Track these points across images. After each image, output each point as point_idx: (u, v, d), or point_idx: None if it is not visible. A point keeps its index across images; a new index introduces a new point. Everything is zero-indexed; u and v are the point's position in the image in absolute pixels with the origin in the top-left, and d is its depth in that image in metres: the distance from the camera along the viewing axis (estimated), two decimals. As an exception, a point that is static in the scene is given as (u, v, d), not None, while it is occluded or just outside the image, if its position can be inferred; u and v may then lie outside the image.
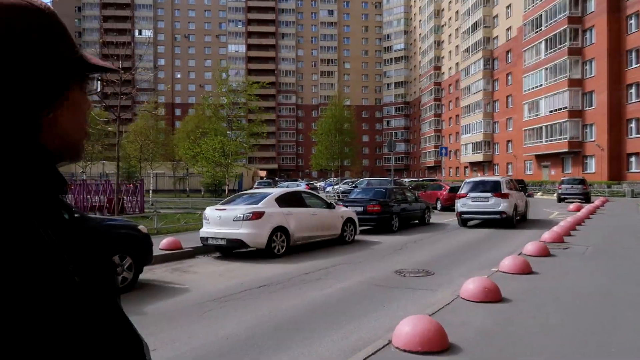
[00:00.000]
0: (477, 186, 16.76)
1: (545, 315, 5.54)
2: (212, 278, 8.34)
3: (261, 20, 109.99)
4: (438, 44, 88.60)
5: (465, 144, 71.79)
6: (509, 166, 60.90)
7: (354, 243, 12.65)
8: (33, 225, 0.61)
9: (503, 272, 7.85)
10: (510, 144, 60.83)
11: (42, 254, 0.60)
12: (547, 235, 11.66)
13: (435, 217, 20.60)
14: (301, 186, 33.00)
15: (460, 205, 16.75)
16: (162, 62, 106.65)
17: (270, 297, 6.92)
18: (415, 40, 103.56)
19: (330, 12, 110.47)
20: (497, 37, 65.70)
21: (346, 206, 14.98)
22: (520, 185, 41.37)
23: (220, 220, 10.37)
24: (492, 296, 5.96)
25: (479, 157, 67.44)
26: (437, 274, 8.41)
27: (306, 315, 5.93)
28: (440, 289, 7.29)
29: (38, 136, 0.70)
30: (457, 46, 79.31)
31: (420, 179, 52.50)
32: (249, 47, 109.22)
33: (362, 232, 15.02)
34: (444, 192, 24.57)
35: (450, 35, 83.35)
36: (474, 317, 5.45)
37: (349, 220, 12.66)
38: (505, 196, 16.00)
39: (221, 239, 10.20)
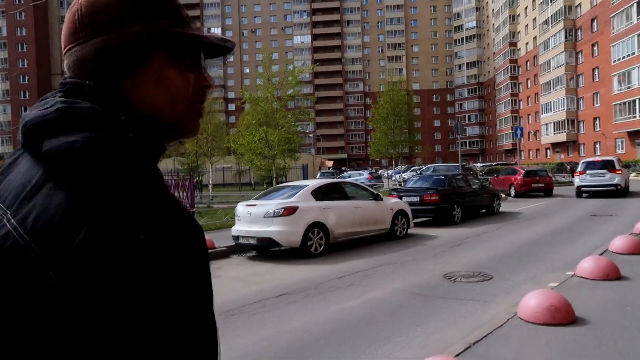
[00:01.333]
0: (594, 165, 20.83)
1: (638, 346, 3.97)
2: (230, 284, 7.39)
3: (326, 9, 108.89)
4: (513, 18, 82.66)
5: (546, 124, 66.45)
6: (597, 145, 55.41)
7: (407, 238, 11.25)
8: (121, 196, 0.61)
9: (581, 277, 6.19)
10: (597, 122, 55.30)
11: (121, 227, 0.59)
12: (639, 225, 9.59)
13: (508, 205, 18.51)
14: (364, 175, 31.71)
15: (579, 180, 20.92)
16: (231, 58, 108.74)
17: (285, 310, 5.82)
18: (487, 16, 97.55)
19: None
20: (580, 4, 59.80)
21: (400, 196, 13.59)
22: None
23: (250, 217, 9.42)
24: (561, 317, 4.45)
25: (561, 137, 62.10)
26: (496, 279, 6.89)
27: (316, 339, 4.76)
28: (496, 300, 5.81)
29: (127, 101, 0.72)
30: (534, 19, 73.43)
31: (494, 164, 49.08)
32: (315, 37, 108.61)
33: (420, 225, 13.54)
34: (519, 177, 22.18)
35: (526, 8, 77.37)
36: (532, 349, 4.00)
37: (400, 213, 11.26)
38: (619, 172, 20.26)
39: (252, 237, 9.25)
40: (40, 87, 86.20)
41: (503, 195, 21.93)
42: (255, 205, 9.58)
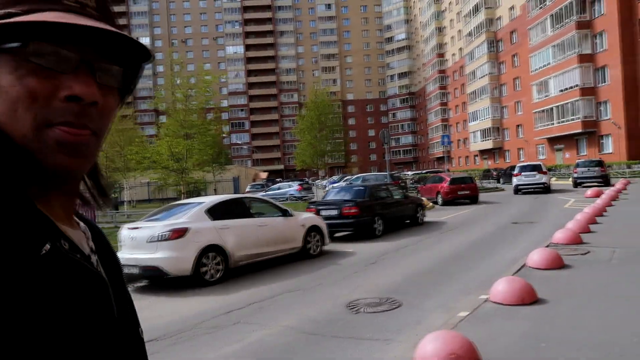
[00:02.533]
0: (526, 168, 26.45)
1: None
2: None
3: (258, 20, 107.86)
4: (440, 30, 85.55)
5: (474, 132, 68.79)
6: (521, 152, 57.83)
7: (321, 256, 10.26)
8: None
9: (495, 302, 5.41)
10: (520, 129, 57.75)
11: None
12: (560, 235, 9.13)
13: (434, 214, 18.11)
14: (293, 186, 30.70)
15: (516, 180, 26.06)
16: (160, 68, 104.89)
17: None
18: (416, 28, 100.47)
19: (328, 6, 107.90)
20: (500, 17, 62.60)
21: (319, 210, 12.62)
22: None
23: (133, 242, 8.06)
24: (464, 365, 3.55)
25: (488, 145, 64.44)
26: (404, 307, 5.99)
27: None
28: (397, 339, 4.87)
29: None
30: (459, 31, 76.24)
31: (424, 172, 49.76)
32: (248, 47, 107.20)
33: (340, 239, 12.64)
34: (445, 185, 22.00)
35: (451, 20, 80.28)
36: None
37: (313, 229, 10.26)
38: (545, 173, 25.99)
39: (133, 266, 7.87)
40: None
41: (430, 204, 21.68)
42: (138, 228, 8.22)
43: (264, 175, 66.55)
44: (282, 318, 5.89)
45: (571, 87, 44.54)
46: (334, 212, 12.40)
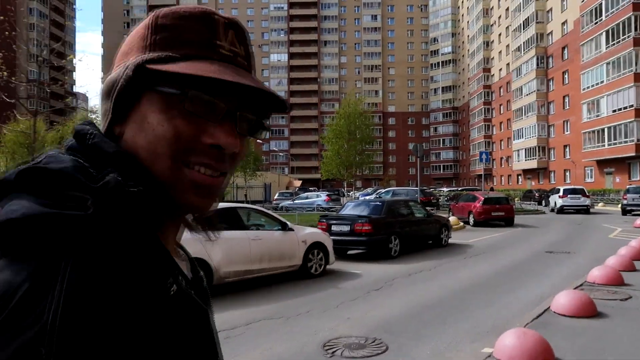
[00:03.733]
0: (570, 191, 29.71)
1: None
2: None
3: (303, 29, 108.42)
4: (487, 44, 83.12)
5: (518, 150, 65.99)
6: (567, 173, 54.84)
7: (323, 277, 9.29)
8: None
9: None
10: (567, 149, 54.81)
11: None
12: (597, 272, 7.81)
13: (462, 236, 16.80)
14: (321, 197, 29.81)
15: (562, 201, 28.97)
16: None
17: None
18: (463, 42, 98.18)
19: (374, 17, 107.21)
20: (551, 32, 59.97)
21: (330, 225, 11.68)
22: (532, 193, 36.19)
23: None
24: None
25: (532, 164, 61.57)
26: (390, 352, 4.95)
27: None
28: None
29: (125, 157, 0.59)
30: (507, 45, 73.71)
31: (459, 189, 47.77)
32: (292, 55, 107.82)
33: (352, 258, 11.64)
34: (478, 205, 20.56)
35: (500, 35, 77.81)
36: None
37: (315, 246, 9.32)
38: (588, 196, 29.43)
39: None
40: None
41: (461, 224, 20.31)
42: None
43: (297, 183, 66.10)
44: (244, 354, 4.98)
45: (625, 108, 41.77)
46: (346, 228, 11.42)
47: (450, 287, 8.27)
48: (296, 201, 30.74)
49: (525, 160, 63.74)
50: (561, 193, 29.52)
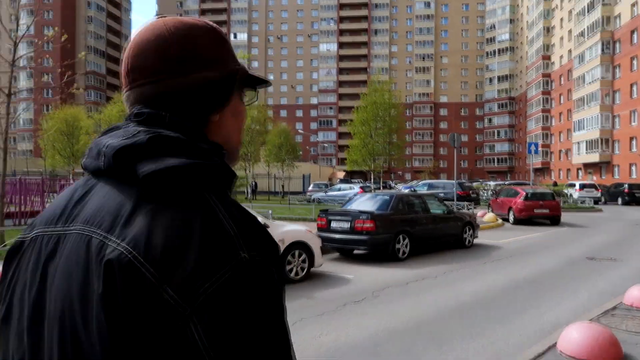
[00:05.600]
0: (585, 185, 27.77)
1: None
2: None
3: (353, 17, 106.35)
4: (548, 30, 77.78)
5: (578, 143, 61.35)
6: (633, 168, 50.21)
7: (304, 282, 8.00)
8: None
9: None
10: (634, 142, 50.14)
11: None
12: (637, 291, 6.06)
13: (497, 234, 14.97)
14: (354, 189, 28.37)
15: (577, 194, 25.85)
16: (255, 64, 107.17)
17: None
18: (522, 28, 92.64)
19: (427, 4, 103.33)
20: (619, 15, 54.95)
21: (329, 221, 10.36)
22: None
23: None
24: None
25: (594, 158, 56.96)
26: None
27: None
28: None
29: (204, 133, 0.76)
30: (569, 31, 68.56)
31: (506, 182, 44.64)
32: (341, 45, 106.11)
33: (355, 259, 10.29)
34: (519, 200, 18.48)
35: (562, 20, 72.51)
36: None
37: (296, 246, 8.05)
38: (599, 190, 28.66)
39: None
40: (63, 86, 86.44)
41: (499, 221, 18.37)
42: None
43: (341, 174, 64.73)
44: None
45: (702, 95, 37.34)
46: (346, 226, 10.05)
47: (445, 304, 6.76)
48: (329, 193, 29.49)
49: (587, 153, 59.13)
50: (577, 187, 34.98)
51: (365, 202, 11.16)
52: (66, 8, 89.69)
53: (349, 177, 66.18)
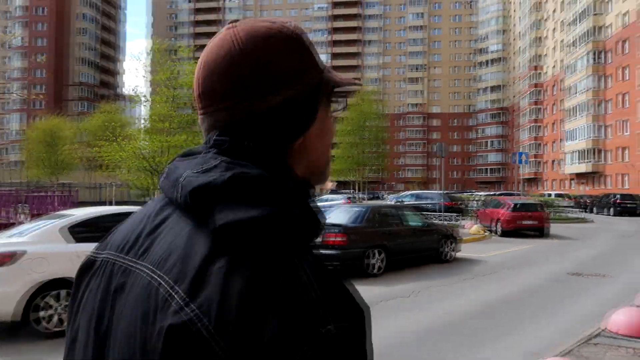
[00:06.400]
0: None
1: None
2: None
3: (346, 28, 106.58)
4: (539, 40, 78.11)
5: (569, 153, 61.14)
6: (624, 178, 49.93)
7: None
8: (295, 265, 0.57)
9: None
10: (625, 152, 49.91)
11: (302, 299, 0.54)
12: (622, 316, 5.42)
13: (482, 247, 14.35)
14: (340, 200, 27.71)
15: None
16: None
17: None
18: (513, 39, 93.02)
19: (419, 15, 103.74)
20: (609, 25, 55.06)
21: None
22: (632, 202, 32.18)
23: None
24: None
25: (585, 168, 56.72)
26: None
27: None
28: None
29: (287, 163, 0.66)
30: (560, 41, 68.75)
31: (497, 193, 44.16)
32: (334, 55, 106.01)
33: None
34: (505, 212, 17.90)
35: (553, 30, 72.78)
36: None
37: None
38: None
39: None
40: (55, 97, 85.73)
41: (484, 233, 17.77)
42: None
43: (331, 185, 64.07)
44: None
45: (692, 105, 37.15)
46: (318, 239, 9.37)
47: (412, 328, 6.08)
48: (317, 204, 28.77)
49: (578, 163, 58.91)
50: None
51: (338, 215, 10.50)
52: (59, 20, 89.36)
53: (341, 187, 65.66)
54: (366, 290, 8.15)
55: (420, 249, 10.86)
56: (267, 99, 0.64)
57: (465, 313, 6.82)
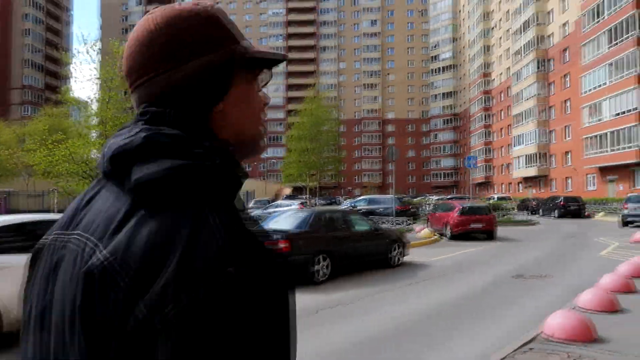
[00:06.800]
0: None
1: None
2: None
3: (301, 34, 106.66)
4: (487, 48, 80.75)
5: (518, 157, 63.33)
6: (568, 181, 52.11)
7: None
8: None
9: None
10: (568, 156, 52.15)
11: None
12: (559, 319, 5.35)
13: (431, 251, 14.35)
14: (293, 206, 27.38)
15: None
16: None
17: None
18: (463, 47, 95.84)
19: (374, 22, 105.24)
20: (551, 34, 57.53)
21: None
22: (576, 203, 33.54)
23: None
24: None
25: (532, 172, 58.85)
26: None
27: None
28: None
29: (209, 127, 0.71)
30: (507, 49, 71.31)
31: (447, 197, 45.13)
32: (289, 61, 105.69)
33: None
34: (454, 215, 18.09)
35: (500, 38, 75.42)
36: None
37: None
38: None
39: None
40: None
41: (435, 237, 17.88)
42: None
43: (288, 191, 63.63)
44: None
45: (628, 111, 39.18)
46: (257, 246, 9.00)
47: (350, 337, 5.82)
48: (269, 210, 28.35)
49: (526, 167, 61.09)
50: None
51: (282, 221, 10.19)
52: (1, 19, 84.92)
53: (299, 193, 65.29)
54: (310, 298, 7.90)
55: (367, 254, 10.68)
56: (182, 69, 0.69)
57: (406, 320, 6.64)
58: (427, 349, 5.34)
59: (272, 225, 10.03)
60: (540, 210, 36.51)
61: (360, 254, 10.49)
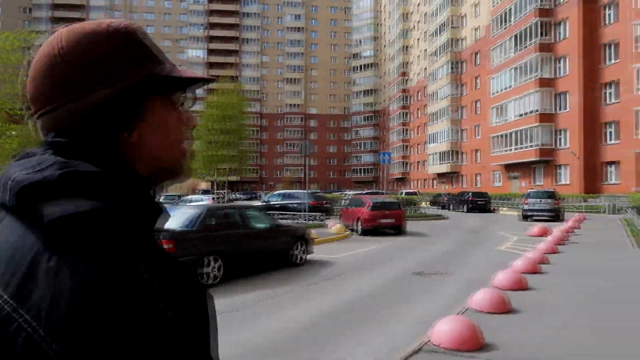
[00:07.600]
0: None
1: None
2: None
3: (224, 25, 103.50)
4: (406, 48, 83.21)
5: (432, 154, 65.89)
6: (477, 178, 54.96)
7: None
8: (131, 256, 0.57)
9: None
10: (478, 153, 54.98)
11: (137, 290, 0.55)
12: (446, 325, 5.00)
13: (336, 248, 14.01)
14: (205, 201, 26.19)
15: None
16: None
17: None
18: (384, 46, 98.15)
19: (297, 17, 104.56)
20: (464, 38, 60.26)
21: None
22: (483, 199, 35.39)
23: None
24: None
25: (445, 168, 61.55)
26: None
27: None
28: None
29: (123, 159, 0.67)
30: (424, 50, 73.88)
31: (364, 192, 45.88)
32: (210, 52, 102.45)
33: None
34: (364, 211, 17.96)
35: (418, 39, 77.97)
36: None
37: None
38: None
39: None
40: None
41: (347, 232, 17.62)
42: None
43: (203, 185, 61.51)
44: None
45: (530, 112, 41.82)
46: (139, 247, 8.03)
47: (232, 349, 5.14)
48: (179, 205, 26.91)
49: (439, 164, 63.67)
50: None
51: (173, 219, 9.23)
52: None
53: (222, 188, 63.35)
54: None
55: (266, 253, 10.02)
56: (88, 98, 0.64)
57: (294, 329, 6.07)
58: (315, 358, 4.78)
59: (169, 223, 9.04)
60: (451, 205, 37.95)
61: (257, 253, 9.80)
